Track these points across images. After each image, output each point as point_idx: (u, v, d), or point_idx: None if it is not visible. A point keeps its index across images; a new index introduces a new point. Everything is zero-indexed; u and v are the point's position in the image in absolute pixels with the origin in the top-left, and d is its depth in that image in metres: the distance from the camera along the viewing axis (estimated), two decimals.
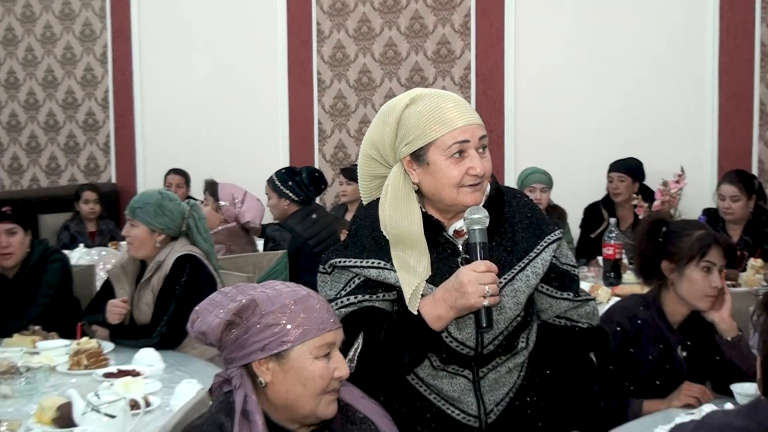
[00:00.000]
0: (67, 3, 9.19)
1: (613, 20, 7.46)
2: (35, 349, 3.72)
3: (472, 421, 2.37)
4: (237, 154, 8.39)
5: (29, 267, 4.27)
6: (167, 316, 3.93)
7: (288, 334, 2.01)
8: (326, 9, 8.31)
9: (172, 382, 3.27)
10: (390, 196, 2.32)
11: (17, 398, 3.16)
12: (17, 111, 9.50)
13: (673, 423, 2.67)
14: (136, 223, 4.06)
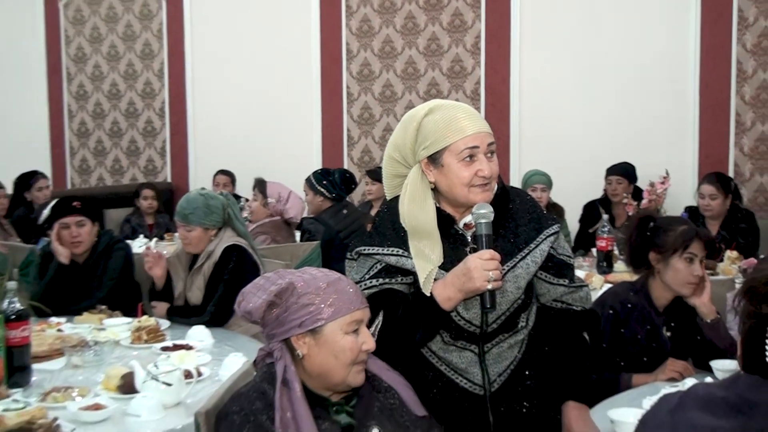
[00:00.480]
0: (129, 25, 9.22)
1: (606, 41, 7.42)
2: (102, 325, 3.74)
3: (478, 389, 2.38)
4: (276, 157, 8.38)
5: (97, 254, 4.26)
6: (216, 298, 3.94)
7: (322, 312, 2.03)
8: (354, 31, 8.31)
9: (221, 355, 3.28)
10: (409, 193, 2.34)
11: (87, 368, 3.18)
12: (86, 119, 9.54)
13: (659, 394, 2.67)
14: (190, 227, 4.07)
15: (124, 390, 2.80)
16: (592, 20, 7.46)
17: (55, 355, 3.28)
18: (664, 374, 3.12)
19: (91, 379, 3.02)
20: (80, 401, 2.68)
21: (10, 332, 2.93)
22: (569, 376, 2.44)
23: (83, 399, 2.71)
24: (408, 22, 8.13)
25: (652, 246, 3.30)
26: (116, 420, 2.60)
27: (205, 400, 2.38)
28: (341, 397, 2.12)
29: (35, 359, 3.12)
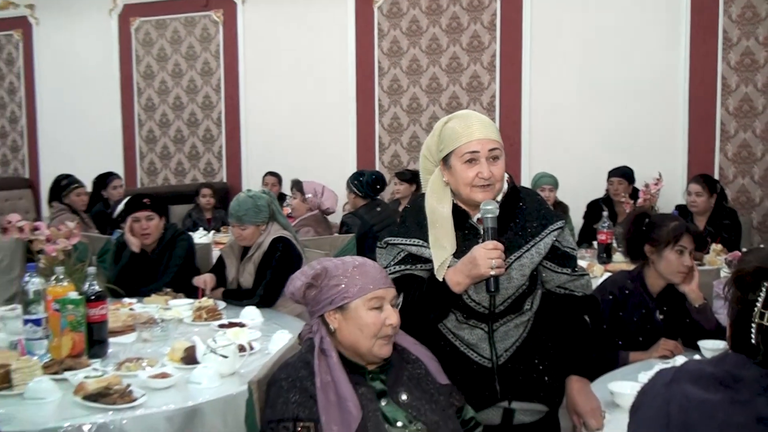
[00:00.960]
0: (191, 46, 9.27)
1: (606, 60, 7.37)
2: (168, 305, 3.75)
3: (486, 362, 2.38)
4: (317, 160, 8.41)
5: (163, 245, 4.29)
6: (264, 283, 3.95)
7: (348, 291, 2.08)
8: (385, 51, 8.30)
9: (269, 331, 3.29)
10: (430, 189, 2.37)
11: (154, 342, 3.20)
12: (153, 128, 9.61)
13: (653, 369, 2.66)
14: (244, 226, 4.07)
15: (186, 361, 2.81)
16: (593, 41, 7.42)
17: (127, 331, 3.32)
18: (657, 352, 3.10)
19: (159, 351, 3.04)
20: (149, 370, 2.69)
21: (90, 310, 2.95)
22: (573, 353, 2.43)
23: (152, 368, 2.73)
24: (432, 43, 8.11)
25: (647, 239, 3.28)
26: (180, 387, 2.61)
27: (256, 370, 2.39)
28: (376, 367, 2.14)
29: (111, 334, 3.14)
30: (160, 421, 2.38)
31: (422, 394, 2.12)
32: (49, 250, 3.34)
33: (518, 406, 2.41)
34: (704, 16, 7.02)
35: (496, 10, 7.82)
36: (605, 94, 7.39)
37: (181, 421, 2.41)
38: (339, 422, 1.96)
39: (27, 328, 2.98)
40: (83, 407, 2.40)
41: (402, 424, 2.05)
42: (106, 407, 2.38)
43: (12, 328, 3.37)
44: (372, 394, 2.07)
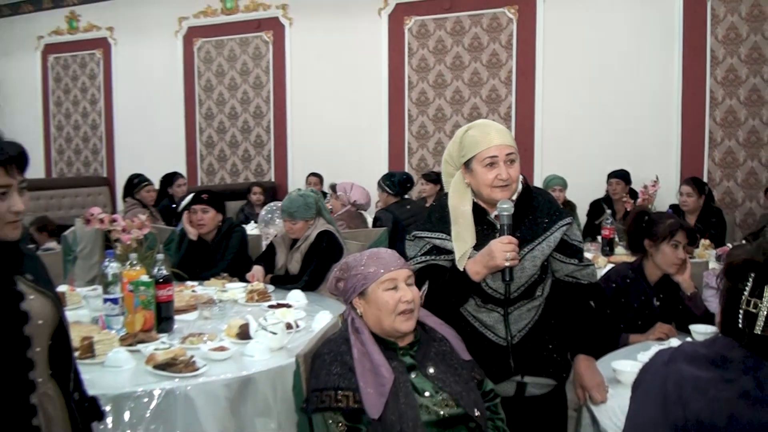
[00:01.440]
0: (244, 63, 9.32)
1: (609, 76, 7.30)
2: (224, 288, 3.77)
3: (502, 341, 2.37)
4: (353, 162, 8.41)
5: (221, 235, 4.32)
6: (309, 270, 3.97)
7: (365, 277, 2.11)
8: (414, 67, 8.27)
9: (313, 312, 3.29)
10: (453, 189, 2.36)
11: (213, 320, 3.23)
12: (212, 134, 9.67)
13: (650, 350, 2.64)
14: (295, 221, 4.08)
15: (241, 336, 2.83)
16: (598, 60, 7.35)
17: (190, 310, 3.34)
18: (654, 334, 3.07)
19: (217, 327, 3.05)
20: (209, 344, 2.71)
21: (159, 291, 2.99)
22: (579, 334, 2.41)
23: (211, 342, 2.75)
24: (456, 60, 8.07)
25: (646, 235, 3.25)
26: (236, 359, 2.63)
27: (302, 345, 2.40)
28: (406, 344, 2.14)
29: (176, 312, 3.17)
30: (219, 388, 2.40)
31: (447, 368, 2.13)
32: (125, 239, 3.38)
33: (530, 380, 2.40)
34: (694, 36, 6.95)
35: (512, 31, 7.77)
36: (608, 105, 7.32)
37: (237, 389, 2.43)
38: (374, 385, 1.98)
39: (106, 306, 3.03)
40: (154, 375, 2.43)
41: (429, 394, 2.05)
42: (173, 375, 2.41)
43: (93, 305, 3.41)
44: (403, 368, 2.08)
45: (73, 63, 10.69)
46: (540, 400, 2.43)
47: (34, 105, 10.96)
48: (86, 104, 10.64)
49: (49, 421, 1.76)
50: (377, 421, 1.96)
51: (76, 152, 10.83)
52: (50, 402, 1.78)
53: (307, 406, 2.06)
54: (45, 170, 10.93)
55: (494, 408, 2.22)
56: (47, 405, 1.76)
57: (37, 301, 1.76)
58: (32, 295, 1.75)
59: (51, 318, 1.79)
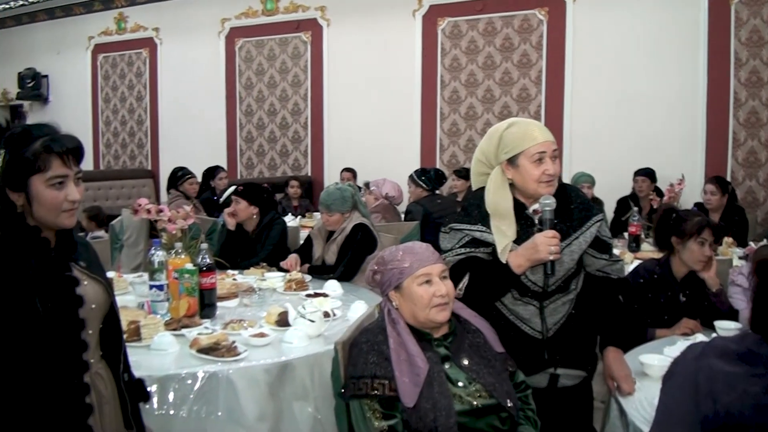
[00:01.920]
0: (283, 62, 9.36)
1: (636, 76, 7.20)
2: (264, 277, 3.79)
3: (537, 334, 2.34)
4: (387, 158, 8.39)
5: (262, 226, 4.35)
6: (345, 261, 3.98)
7: (401, 272, 2.10)
8: (447, 67, 8.23)
9: (348, 301, 3.29)
10: (492, 186, 2.32)
11: (253, 307, 3.25)
12: (251, 129, 9.71)
13: (675, 345, 2.61)
14: (332, 214, 4.09)
15: (280, 324, 2.85)
16: (626, 61, 7.25)
17: (231, 297, 3.36)
18: (680, 330, 3.03)
19: (257, 315, 3.07)
20: (250, 330, 2.73)
21: (202, 279, 3.01)
22: (609, 327, 2.39)
23: (252, 329, 2.76)
24: (487, 60, 8.01)
25: (674, 232, 3.21)
26: (275, 345, 2.64)
27: (338, 333, 2.42)
28: (441, 335, 2.14)
29: (219, 299, 3.19)
30: (259, 372, 2.42)
31: (481, 359, 2.11)
32: (170, 228, 3.41)
33: (562, 372, 2.37)
34: (718, 39, 6.84)
35: (543, 32, 7.70)
36: (635, 105, 7.22)
37: (276, 373, 2.45)
38: (409, 375, 1.98)
39: (152, 292, 3.06)
40: (197, 358, 2.46)
41: (463, 384, 2.05)
42: (216, 359, 2.43)
43: (139, 291, 3.46)
44: (437, 358, 2.07)
45: (120, 62, 10.83)
46: (570, 392, 2.41)
47: (83, 101, 11.13)
48: (133, 101, 10.77)
49: (101, 400, 1.80)
50: (412, 410, 1.96)
51: (123, 146, 10.98)
52: (101, 382, 1.82)
53: (344, 392, 2.07)
54: (93, 163, 11.09)
55: (525, 399, 2.20)
56: (99, 384, 1.80)
57: (90, 286, 1.79)
58: (85, 281, 1.78)
59: (103, 303, 1.82)
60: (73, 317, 1.73)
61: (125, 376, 1.88)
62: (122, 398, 1.86)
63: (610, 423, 2.23)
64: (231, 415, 2.35)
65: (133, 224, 5.71)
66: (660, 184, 6.33)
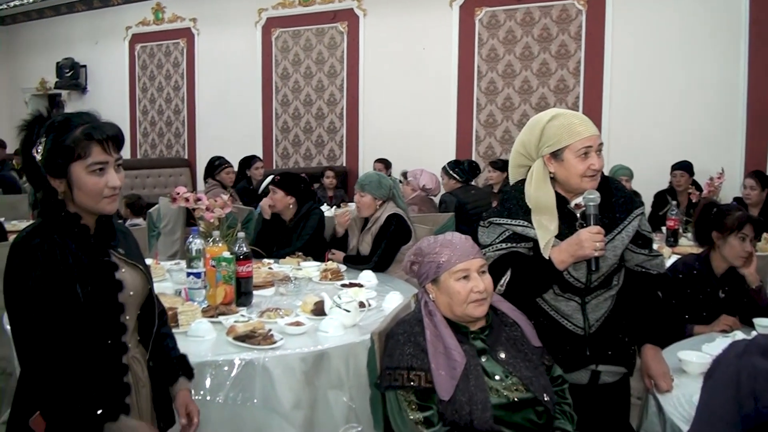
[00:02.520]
0: (320, 53, 9.38)
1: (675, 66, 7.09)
2: (300, 266, 3.81)
3: (579, 330, 2.31)
4: (422, 149, 8.39)
5: (299, 216, 4.37)
6: (379, 252, 3.99)
7: (439, 266, 2.08)
8: (484, 57, 8.19)
9: (383, 292, 3.30)
10: (534, 180, 2.27)
11: (289, 296, 3.27)
12: (288, 120, 9.79)
13: (714, 341, 2.58)
14: (364, 194, 4.12)
15: (316, 313, 2.86)
16: (665, 52, 7.14)
17: (267, 286, 3.38)
18: (719, 326, 2.99)
19: (293, 303, 3.09)
20: (286, 319, 2.75)
21: (239, 267, 3.04)
22: (648, 324, 2.35)
23: (288, 317, 2.79)
24: (525, 51, 7.95)
25: (714, 226, 3.16)
26: (310, 334, 2.66)
27: (373, 324, 2.43)
28: (477, 328, 2.12)
29: (255, 287, 3.21)
30: (295, 360, 2.44)
31: (518, 353, 2.10)
32: (208, 217, 3.46)
33: (604, 369, 2.34)
34: (761, 28, 6.67)
35: (582, 22, 7.61)
36: (674, 97, 7.11)
37: (311, 362, 2.47)
38: (445, 368, 1.98)
39: (189, 280, 3.09)
40: (234, 346, 2.49)
41: (500, 378, 2.04)
42: (252, 347, 2.46)
43: (176, 278, 3.49)
44: (474, 351, 2.06)
45: (158, 52, 10.97)
46: (609, 388, 2.38)
47: (121, 91, 11.30)
48: (170, 90, 10.90)
49: (137, 381, 1.87)
50: (447, 402, 1.96)
51: (160, 135, 11.13)
52: (138, 365, 1.88)
53: (380, 383, 2.08)
54: (130, 152, 11.26)
55: (562, 393, 2.18)
56: (135, 367, 1.87)
57: (128, 273, 1.84)
58: (123, 268, 1.83)
59: (141, 289, 1.88)
60: (113, 301, 1.78)
61: (151, 363, 1.93)
62: (154, 382, 1.93)
63: (648, 420, 2.21)
64: (267, 402, 2.38)
65: (171, 212, 5.78)
66: (698, 178, 6.23)
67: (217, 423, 2.35)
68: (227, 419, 2.36)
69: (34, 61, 12.38)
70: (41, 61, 12.15)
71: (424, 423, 1.96)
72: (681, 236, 5.01)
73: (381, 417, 2.13)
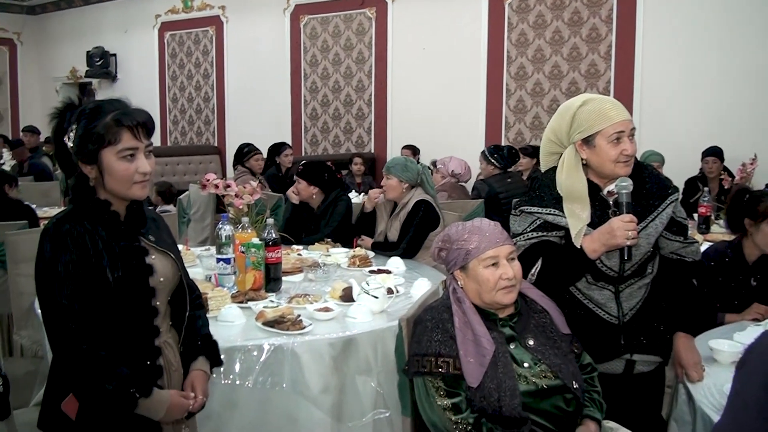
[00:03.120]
0: (348, 39, 9.37)
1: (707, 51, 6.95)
2: (328, 253, 3.83)
3: (613, 320, 2.29)
4: (451, 136, 8.35)
5: (327, 203, 4.40)
6: (408, 238, 3.99)
7: (467, 253, 2.07)
8: (513, 42, 8.11)
9: (411, 279, 3.30)
10: (566, 167, 2.25)
11: (317, 282, 3.28)
12: (316, 107, 9.80)
13: (745, 330, 2.55)
14: (390, 177, 4.12)
15: (344, 299, 2.87)
16: (698, 36, 7.01)
17: (296, 272, 3.40)
18: (750, 315, 2.95)
19: (321, 289, 3.11)
20: (315, 305, 2.77)
21: (268, 253, 3.06)
22: (681, 312, 2.33)
23: (316, 303, 2.80)
24: (555, 35, 7.86)
25: (747, 213, 3.12)
26: (339, 320, 2.67)
27: (401, 310, 2.44)
28: (506, 315, 2.12)
29: (283, 273, 3.23)
30: (324, 346, 2.46)
31: (547, 340, 2.09)
32: (237, 203, 3.49)
33: (639, 358, 2.32)
34: None
35: (612, 5, 7.49)
36: (707, 82, 6.98)
37: (340, 347, 2.49)
38: (474, 355, 1.97)
39: (219, 266, 3.12)
40: (263, 331, 2.52)
41: (528, 365, 2.03)
42: (281, 332, 2.48)
43: (206, 264, 3.54)
44: (502, 338, 2.06)
45: (187, 40, 11.04)
46: (645, 377, 2.36)
47: (151, 79, 11.41)
48: (199, 78, 10.98)
49: (169, 365, 1.90)
50: (475, 389, 1.96)
51: (190, 123, 11.22)
52: (170, 349, 1.92)
53: (408, 369, 2.09)
54: (161, 139, 11.38)
55: (591, 381, 2.17)
56: (167, 351, 1.90)
57: (159, 260, 1.86)
58: (153, 255, 1.85)
59: (172, 276, 1.90)
60: (144, 285, 1.81)
61: (181, 348, 1.96)
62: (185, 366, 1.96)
63: (678, 408, 2.19)
64: (295, 386, 2.40)
65: (201, 199, 5.85)
66: (730, 164, 6.13)
67: (246, 407, 2.38)
68: (256, 403, 2.39)
69: (65, 51, 12.55)
70: (71, 50, 12.31)
71: (452, 409, 1.96)
72: (713, 223, 4.94)
73: (409, 402, 2.14)
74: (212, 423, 2.35)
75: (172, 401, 1.82)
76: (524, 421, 1.95)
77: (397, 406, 2.34)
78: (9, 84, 12.89)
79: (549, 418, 2.00)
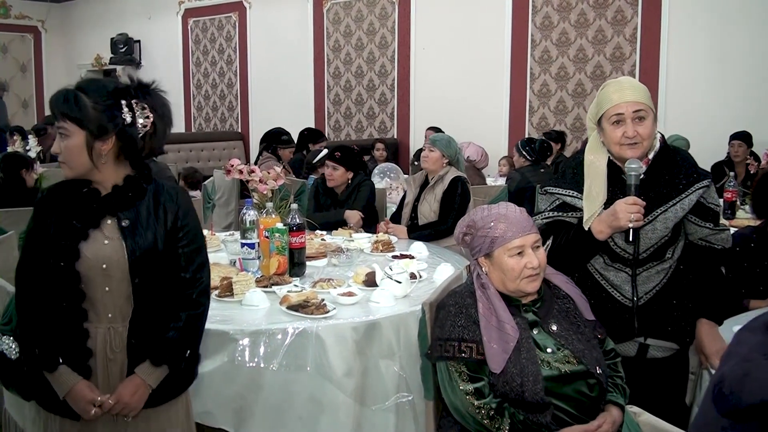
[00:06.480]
0: (371, 24, 9.34)
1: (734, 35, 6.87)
2: (352, 238, 3.83)
3: (628, 302, 2.29)
4: (474, 120, 8.31)
5: (351, 188, 4.42)
6: (454, 213, 4.05)
7: (492, 241, 2.06)
8: (538, 25, 8.04)
9: (434, 264, 3.28)
10: (590, 146, 2.31)
11: (341, 267, 3.27)
12: (339, 92, 9.79)
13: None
14: (434, 149, 4.23)
15: (367, 284, 2.87)
16: (725, 18, 6.91)
17: (320, 256, 3.40)
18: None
19: (344, 274, 3.10)
20: (338, 289, 2.76)
21: (292, 238, 3.06)
22: (707, 300, 2.31)
23: (340, 288, 2.80)
24: (580, 18, 7.78)
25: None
26: (362, 304, 2.68)
27: (424, 295, 2.43)
28: (529, 300, 2.12)
29: (307, 258, 3.23)
30: (347, 330, 2.47)
31: (570, 325, 2.09)
32: (261, 189, 3.51)
33: (653, 343, 2.32)
34: None
35: None
36: (734, 65, 6.90)
37: (363, 331, 2.49)
38: (498, 341, 1.98)
39: (243, 250, 3.14)
40: (287, 315, 2.53)
41: (551, 350, 2.03)
42: (305, 316, 2.49)
43: (231, 249, 3.53)
44: (525, 324, 2.06)
45: (210, 26, 11.08)
46: (661, 363, 2.35)
47: (175, 65, 11.47)
48: (223, 64, 11.02)
49: (104, 351, 1.92)
50: (498, 374, 1.97)
51: (214, 109, 11.29)
52: (113, 336, 1.92)
53: (431, 353, 2.10)
54: (185, 125, 11.47)
55: (614, 366, 2.18)
56: (106, 337, 1.91)
57: (102, 246, 1.87)
58: (107, 240, 1.88)
59: (116, 265, 1.87)
60: (69, 269, 1.86)
61: (133, 341, 1.92)
62: (130, 357, 1.93)
63: (702, 395, 2.18)
64: (319, 370, 2.42)
65: (225, 184, 5.89)
66: (757, 149, 6.06)
67: (271, 389, 2.40)
68: (281, 386, 2.41)
69: (89, 38, 12.66)
70: (96, 37, 12.42)
71: (474, 394, 1.97)
72: (738, 209, 4.91)
73: (432, 387, 2.16)
74: (236, 405, 2.39)
75: (75, 387, 1.86)
76: (546, 406, 1.96)
77: (419, 390, 2.35)
78: (34, 71, 13.04)
79: (572, 403, 2.00)
